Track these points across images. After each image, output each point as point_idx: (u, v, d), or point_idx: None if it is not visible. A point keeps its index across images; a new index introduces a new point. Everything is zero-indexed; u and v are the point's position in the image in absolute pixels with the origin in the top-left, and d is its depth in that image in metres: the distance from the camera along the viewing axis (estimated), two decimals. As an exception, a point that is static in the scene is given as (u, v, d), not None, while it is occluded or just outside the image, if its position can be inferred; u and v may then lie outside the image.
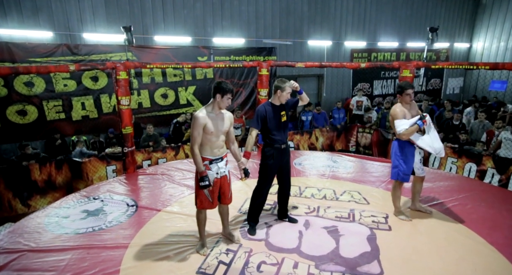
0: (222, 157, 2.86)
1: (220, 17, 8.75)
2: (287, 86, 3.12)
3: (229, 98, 2.76)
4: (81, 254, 2.92)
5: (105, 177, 5.57)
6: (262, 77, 5.97)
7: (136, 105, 7.87)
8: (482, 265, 2.77)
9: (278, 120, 3.19)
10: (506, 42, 12.47)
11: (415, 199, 3.73)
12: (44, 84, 6.83)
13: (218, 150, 2.82)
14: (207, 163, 2.79)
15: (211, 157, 2.80)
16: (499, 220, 3.50)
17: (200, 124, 2.68)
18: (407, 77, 5.31)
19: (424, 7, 12.21)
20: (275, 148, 3.19)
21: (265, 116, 3.14)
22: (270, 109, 3.17)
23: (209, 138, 2.75)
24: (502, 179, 5.00)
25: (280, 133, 3.21)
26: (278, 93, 3.15)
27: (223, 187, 2.92)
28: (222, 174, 2.87)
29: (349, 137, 7.82)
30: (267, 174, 3.26)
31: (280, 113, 3.20)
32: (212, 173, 2.81)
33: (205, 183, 2.71)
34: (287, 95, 3.14)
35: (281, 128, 3.21)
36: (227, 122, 2.86)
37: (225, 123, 2.84)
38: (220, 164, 2.84)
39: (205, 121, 2.69)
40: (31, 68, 4.47)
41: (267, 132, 3.20)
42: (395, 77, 12.07)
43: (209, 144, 2.77)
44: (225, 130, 2.86)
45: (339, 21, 10.69)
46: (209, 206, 2.88)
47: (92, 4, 7.21)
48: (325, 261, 2.84)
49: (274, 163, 3.22)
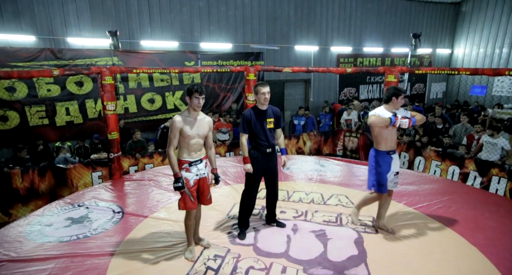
0: (201, 159, 2.93)
1: (207, 22, 8.76)
2: (259, 87, 3.18)
3: (197, 97, 2.77)
4: (64, 263, 2.85)
5: (90, 183, 5.45)
6: (249, 82, 6.00)
7: (122, 111, 7.76)
8: (466, 266, 2.83)
9: (262, 123, 3.22)
10: (485, 49, 12.90)
11: (380, 215, 3.42)
12: (26, 89, 6.67)
13: (195, 152, 2.89)
14: (186, 165, 2.86)
15: (189, 159, 2.87)
16: (481, 221, 3.59)
17: (177, 127, 2.75)
18: (392, 82, 5.42)
19: (408, 14, 12.53)
20: (261, 151, 3.21)
21: (250, 120, 3.19)
22: (255, 113, 3.23)
23: (186, 141, 2.82)
24: (483, 181, 5.14)
25: (266, 137, 3.23)
26: (255, 97, 3.24)
27: (201, 188, 2.97)
28: (201, 176, 2.93)
29: (336, 141, 7.90)
30: (253, 177, 3.27)
31: (266, 119, 3.23)
32: (192, 174, 2.87)
33: (178, 184, 2.78)
34: (261, 96, 3.17)
35: (266, 132, 3.23)
36: (206, 127, 2.92)
37: (203, 128, 2.89)
38: (199, 165, 2.91)
39: (181, 125, 2.77)
40: (12, 73, 4.36)
41: (253, 135, 3.24)
42: (380, 82, 12.31)
43: (186, 147, 2.84)
44: (204, 135, 2.91)
45: (325, 27, 10.86)
46: (192, 206, 2.90)
47: (77, 8, 7.11)
48: (313, 265, 2.85)
49: (259, 166, 3.23)
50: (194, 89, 2.76)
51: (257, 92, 3.20)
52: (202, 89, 2.78)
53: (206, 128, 2.92)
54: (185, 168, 2.85)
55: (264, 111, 3.24)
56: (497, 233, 3.34)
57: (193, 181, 2.88)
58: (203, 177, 2.94)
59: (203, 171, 2.94)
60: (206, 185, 3.01)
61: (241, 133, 3.24)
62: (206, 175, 2.97)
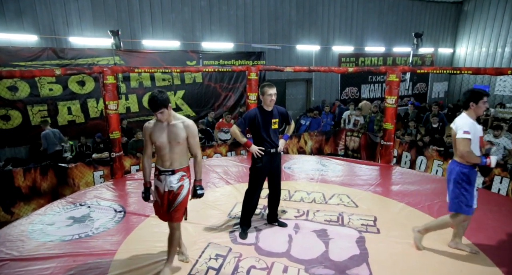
0: (173, 170, 2.60)
1: (208, 21, 8.76)
2: (265, 89, 3.15)
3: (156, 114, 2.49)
4: (67, 262, 2.85)
5: (92, 182, 5.46)
6: (251, 81, 5.99)
7: (124, 110, 7.78)
8: (468, 266, 2.82)
9: (267, 124, 3.21)
10: (487, 48, 12.86)
11: (459, 234, 3.04)
12: (28, 89, 6.69)
13: (167, 162, 2.60)
14: (157, 173, 2.66)
15: (160, 167, 2.63)
16: (483, 221, 3.58)
17: (145, 134, 2.62)
18: (394, 81, 5.41)
19: (409, 13, 12.50)
20: (265, 151, 3.21)
21: (254, 118, 3.18)
22: (260, 112, 3.22)
23: (157, 149, 2.63)
24: (485, 181, 5.12)
25: (270, 138, 3.23)
26: (261, 97, 3.22)
27: (164, 203, 2.64)
28: (169, 188, 2.60)
29: (338, 141, 7.88)
30: (256, 177, 3.27)
31: (271, 120, 3.23)
32: (161, 184, 2.64)
33: (145, 194, 2.69)
34: (267, 97, 3.16)
35: (270, 133, 3.23)
36: (181, 134, 2.57)
37: (176, 135, 2.55)
38: (170, 177, 2.60)
39: (149, 131, 2.59)
40: (14, 73, 4.37)
41: (257, 135, 3.23)
42: (382, 81, 12.29)
43: (159, 154, 2.63)
44: (177, 142, 2.57)
45: (326, 26, 10.85)
46: (159, 216, 2.74)
47: (79, 8, 7.12)
48: (315, 265, 2.84)
49: (264, 166, 3.24)
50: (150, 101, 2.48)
51: (263, 93, 3.16)
52: (157, 106, 2.44)
53: (180, 134, 2.56)
54: (156, 176, 2.65)
55: (269, 112, 3.24)
56: (499, 233, 3.33)
57: (163, 191, 2.63)
58: (170, 190, 2.60)
59: (172, 185, 2.59)
60: (171, 199, 2.62)
61: (237, 125, 3.23)
62: (174, 190, 2.60)
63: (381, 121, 6.76)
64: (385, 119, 5.66)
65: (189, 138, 2.62)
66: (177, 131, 2.56)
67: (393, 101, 5.51)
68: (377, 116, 7.46)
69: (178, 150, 2.60)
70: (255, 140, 3.27)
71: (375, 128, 7.37)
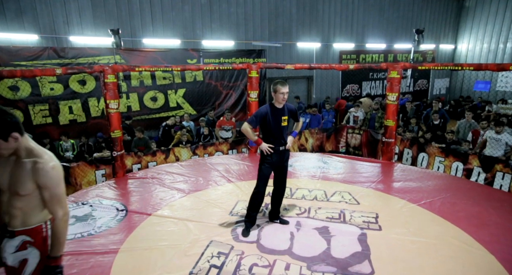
0: (12, 231, 1.72)
1: (209, 19, 8.74)
2: (278, 86, 3.14)
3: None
4: (69, 261, 2.86)
5: (94, 181, 5.48)
6: (252, 79, 5.99)
7: (125, 109, 7.78)
8: (470, 262, 2.82)
9: (278, 122, 3.22)
10: (489, 44, 12.80)
11: None
12: (29, 88, 6.70)
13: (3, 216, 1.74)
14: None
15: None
16: (485, 217, 3.58)
17: None
18: (395, 78, 5.40)
19: (410, 9, 12.44)
20: (274, 149, 3.22)
21: (265, 116, 3.17)
22: (271, 110, 3.21)
23: None
24: (487, 177, 5.11)
25: (279, 135, 3.24)
26: (273, 94, 3.21)
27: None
28: (6, 261, 1.74)
29: (339, 138, 7.87)
30: (264, 174, 3.29)
31: (281, 117, 3.23)
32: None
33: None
34: (280, 95, 3.15)
35: (280, 130, 3.24)
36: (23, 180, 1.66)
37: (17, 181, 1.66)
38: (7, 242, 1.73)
39: None
40: (15, 72, 4.37)
41: (267, 133, 3.24)
42: (383, 78, 12.25)
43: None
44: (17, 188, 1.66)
45: (327, 23, 10.81)
46: None
47: (79, 7, 7.11)
48: (317, 262, 2.85)
49: (272, 163, 3.26)
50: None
51: (275, 91, 3.15)
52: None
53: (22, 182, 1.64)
54: None
55: (280, 109, 3.24)
56: (501, 229, 3.32)
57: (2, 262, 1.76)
58: (10, 265, 1.73)
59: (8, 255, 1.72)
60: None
61: (248, 123, 3.19)
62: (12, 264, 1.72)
63: (382, 118, 6.75)
64: (386, 116, 5.65)
65: (41, 188, 1.67)
66: (19, 176, 1.64)
67: (394, 98, 5.49)
68: (378, 114, 7.45)
69: (22, 203, 1.68)
70: (264, 137, 3.28)
71: (376, 125, 7.36)
